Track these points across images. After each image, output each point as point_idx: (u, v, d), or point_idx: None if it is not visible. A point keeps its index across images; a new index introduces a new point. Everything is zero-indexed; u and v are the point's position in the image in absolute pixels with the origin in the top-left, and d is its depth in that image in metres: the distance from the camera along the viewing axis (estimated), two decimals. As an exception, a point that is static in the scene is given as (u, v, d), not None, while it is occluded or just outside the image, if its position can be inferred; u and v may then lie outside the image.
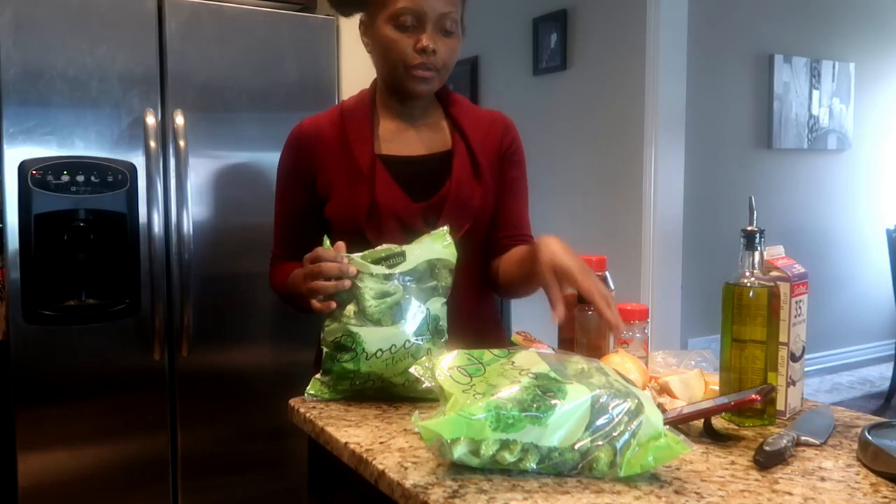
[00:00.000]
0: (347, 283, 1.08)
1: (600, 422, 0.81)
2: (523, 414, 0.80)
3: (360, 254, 1.11)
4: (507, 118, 1.41)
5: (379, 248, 1.12)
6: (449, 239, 1.17)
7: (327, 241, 1.13)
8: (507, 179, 1.37)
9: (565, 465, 0.82)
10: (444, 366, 0.89)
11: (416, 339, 1.09)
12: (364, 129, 1.30)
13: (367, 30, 1.29)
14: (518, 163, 1.40)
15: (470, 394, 0.84)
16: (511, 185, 1.38)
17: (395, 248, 1.12)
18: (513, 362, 0.89)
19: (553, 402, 0.81)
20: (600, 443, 0.80)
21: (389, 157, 1.31)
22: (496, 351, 0.93)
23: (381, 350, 1.08)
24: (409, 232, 1.24)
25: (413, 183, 1.29)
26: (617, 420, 0.81)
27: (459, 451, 0.80)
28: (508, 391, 0.82)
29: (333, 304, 1.09)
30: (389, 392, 1.12)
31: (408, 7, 1.20)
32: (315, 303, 1.09)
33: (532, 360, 0.89)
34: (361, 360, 1.08)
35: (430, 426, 0.80)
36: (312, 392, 1.14)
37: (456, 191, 1.28)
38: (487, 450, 0.81)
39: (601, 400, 0.82)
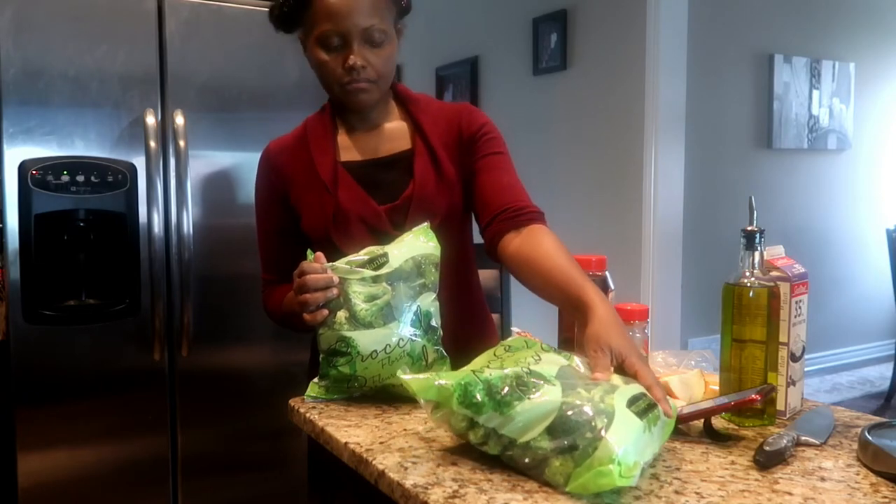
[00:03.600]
0: (335, 291, 1.09)
1: (563, 429, 0.79)
2: (487, 397, 0.83)
3: (344, 259, 1.12)
4: (470, 106, 1.38)
5: (362, 251, 1.13)
6: (431, 233, 1.18)
7: (310, 255, 1.14)
8: (487, 157, 1.32)
9: (522, 459, 0.81)
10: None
11: (410, 337, 1.10)
12: (325, 140, 1.31)
13: (305, 48, 1.30)
14: (493, 140, 1.34)
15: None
16: (492, 161, 1.32)
17: (377, 249, 1.13)
18: (538, 357, 0.90)
19: (521, 395, 0.82)
20: (557, 447, 0.78)
21: (351, 163, 1.31)
22: (545, 345, 0.96)
23: (375, 351, 1.08)
24: (377, 235, 1.24)
25: (377, 186, 1.29)
26: (579, 433, 0.78)
27: (435, 416, 0.87)
28: (489, 373, 0.85)
29: (325, 313, 1.10)
30: (389, 394, 1.13)
31: (330, 28, 1.20)
32: (306, 315, 1.10)
33: (552, 361, 0.89)
34: (357, 362, 1.09)
35: (407, 380, 0.86)
36: (312, 395, 1.15)
37: (420, 191, 1.27)
38: (456, 423, 0.85)
39: (571, 409, 0.80)
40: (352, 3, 1.20)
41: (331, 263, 1.11)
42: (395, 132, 1.34)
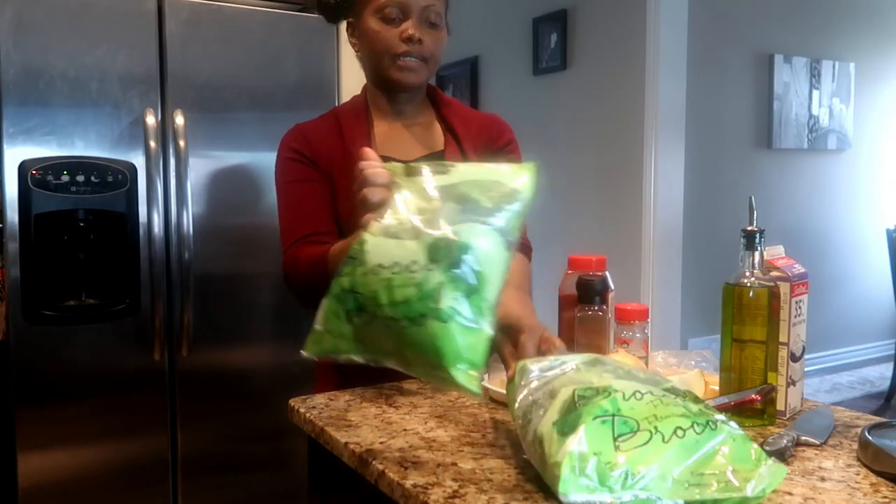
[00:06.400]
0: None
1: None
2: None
3: (403, 164, 0.95)
4: (501, 120, 1.42)
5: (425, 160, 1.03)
6: (530, 174, 0.91)
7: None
8: None
9: None
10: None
11: (425, 266, 0.82)
12: (362, 130, 1.32)
13: (353, 30, 1.32)
14: (514, 161, 1.38)
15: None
16: None
17: (445, 163, 0.94)
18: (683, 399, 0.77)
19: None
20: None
21: (387, 159, 1.30)
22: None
23: (380, 265, 0.84)
24: None
25: None
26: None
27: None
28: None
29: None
30: (384, 345, 0.86)
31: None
32: (367, 216, 0.91)
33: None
34: (357, 269, 0.86)
35: None
36: (314, 348, 0.88)
37: None
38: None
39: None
40: None
41: (388, 164, 0.96)
42: (428, 133, 1.37)
